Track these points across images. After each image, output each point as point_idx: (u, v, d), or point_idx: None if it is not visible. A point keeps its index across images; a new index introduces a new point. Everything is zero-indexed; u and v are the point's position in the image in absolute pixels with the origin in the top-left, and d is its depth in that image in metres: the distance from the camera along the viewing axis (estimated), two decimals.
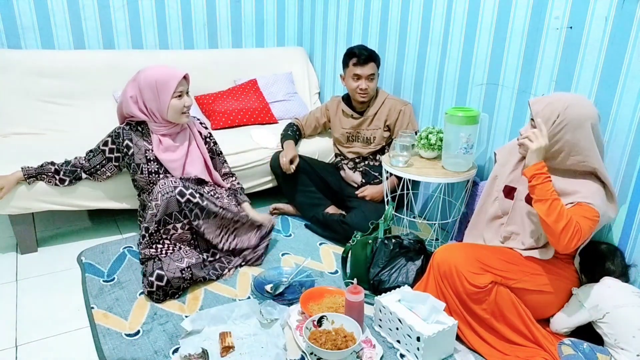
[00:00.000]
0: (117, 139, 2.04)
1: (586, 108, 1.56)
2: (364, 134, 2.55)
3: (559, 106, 1.55)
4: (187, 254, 1.91)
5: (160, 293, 1.81)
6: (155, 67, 2.00)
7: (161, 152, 2.04)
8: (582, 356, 1.47)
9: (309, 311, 1.71)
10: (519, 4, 1.95)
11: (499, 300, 1.55)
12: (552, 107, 1.55)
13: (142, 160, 2.03)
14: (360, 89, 2.42)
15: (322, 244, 2.33)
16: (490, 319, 1.57)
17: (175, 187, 1.88)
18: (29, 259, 2.14)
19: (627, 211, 1.70)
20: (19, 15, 2.67)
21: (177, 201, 1.88)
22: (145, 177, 2.04)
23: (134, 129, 2.06)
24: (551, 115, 1.55)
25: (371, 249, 1.92)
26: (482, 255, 1.60)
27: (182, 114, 2.02)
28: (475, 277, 1.54)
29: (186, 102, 2.02)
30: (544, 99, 1.61)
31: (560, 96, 1.60)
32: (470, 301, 1.56)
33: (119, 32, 2.93)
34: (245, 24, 3.30)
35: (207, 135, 2.21)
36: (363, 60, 2.39)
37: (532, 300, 1.59)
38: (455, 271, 1.56)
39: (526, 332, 1.57)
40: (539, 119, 1.56)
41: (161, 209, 1.87)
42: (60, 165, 2.07)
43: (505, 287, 1.56)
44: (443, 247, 1.67)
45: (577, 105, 1.55)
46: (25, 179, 2.03)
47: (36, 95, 2.59)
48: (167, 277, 1.81)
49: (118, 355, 1.56)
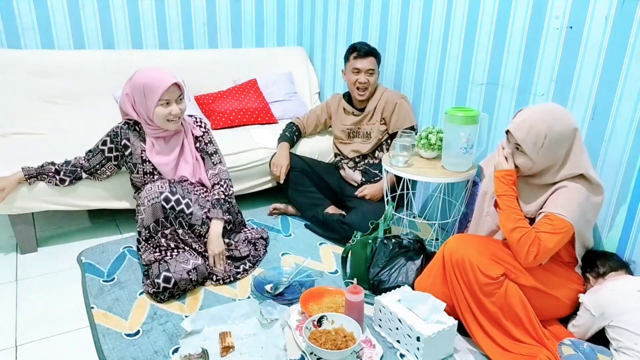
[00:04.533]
0: (115, 138, 2.04)
1: (566, 119, 1.56)
2: (364, 129, 2.56)
3: (542, 128, 1.52)
4: (192, 256, 1.90)
5: (167, 294, 1.81)
6: (147, 70, 1.94)
7: (154, 155, 2.02)
8: (583, 356, 1.47)
9: (309, 311, 1.71)
10: (519, 4, 1.95)
11: (509, 295, 1.54)
12: (536, 131, 1.53)
13: (138, 161, 2.03)
14: (360, 83, 2.44)
15: (322, 244, 2.33)
16: (498, 312, 1.55)
17: (161, 192, 1.87)
18: (29, 259, 2.14)
19: (627, 211, 1.70)
20: (19, 15, 2.67)
21: (162, 207, 1.86)
22: (140, 178, 2.04)
23: (131, 128, 2.05)
24: (537, 140, 1.54)
25: (371, 248, 1.92)
26: (494, 247, 1.59)
27: (167, 121, 1.95)
28: (489, 268, 1.53)
29: (173, 111, 1.93)
30: (524, 124, 1.56)
31: (537, 115, 1.56)
32: (481, 293, 1.55)
33: (119, 32, 2.93)
34: (245, 24, 3.30)
35: (200, 135, 2.12)
36: (363, 53, 2.43)
37: (538, 301, 1.59)
38: (467, 261, 1.55)
39: (531, 330, 1.57)
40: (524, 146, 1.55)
41: (147, 214, 1.86)
42: (60, 165, 2.07)
43: (514, 283, 1.55)
44: (455, 237, 1.67)
45: (559, 120, 1.54)
46: (26, 179, 2.03)
47: (36, 95, 2.59)
48: (175, 279, 1.80)
49: (118, 355, 1.56)
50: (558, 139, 1.54)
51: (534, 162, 1.57)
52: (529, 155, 1.56)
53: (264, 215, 2.59)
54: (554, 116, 1.55)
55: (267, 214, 2.59)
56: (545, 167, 1.59)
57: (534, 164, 1.57)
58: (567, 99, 1.84)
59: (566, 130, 1.55)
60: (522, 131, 1.55)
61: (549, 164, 1.58)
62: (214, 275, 1.93)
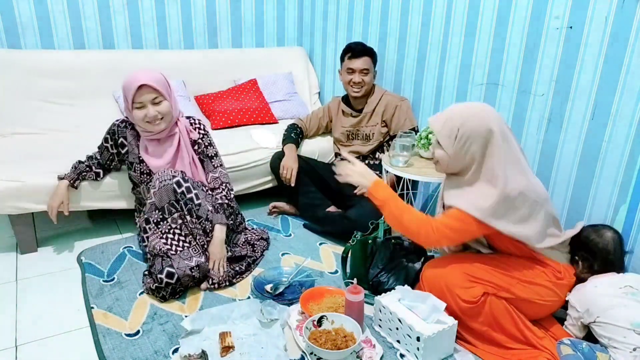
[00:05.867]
0: (113, 136, 2.05)
1: (484, 118, 1.54)
2: (363, 131, 2.56)
3: (457, 122, 1.54)
4: (195, 252, 1.89)
5: (169, 290, 1.80)
6: (131, 73, 1.91)
7: (148, 157, 2.02)
8: (581, 356, 1.47)
9: (309, 311, 1.71)
10: (519, 4, 1.95)
11: (494, 310, 1.55)
12: (450, 124, 1.55)
13: (135, 160, 2.03)
14: (354, 82, 2.45)
15: (322, 244, 2.33)
16: (488, 330, 1.57)
17: (173, 176, 1.88)
18: (29, 259, 2.14)
19: (627, 211, 1.70)
20: (19, 15, 2.67)
21: (174, 190, 1.86)
22: (138, 176, 2.05)
23: (129, 126, 2.05)
24: (451, 133, 1.55)
25: (371, 249, 1.92)
26: (470, 267, 1.59)
27: (147, 122, 1.91)
28: (467, 292, 1.54)
29: (148, 113, 1.88)
30: (442, 115, 1.59)
31: (457, 110, 1.58)
32: (467, 317, 1.57)
33: (119, 32, 2.93)
34: (245, 24, 3.30)
35: (197, 138, 2.08)
36: (357, 53, 2.44)
37: (524, 307, 1.59)
38: (446, 289, 1.57)
39: (521, 338, 1.58)
40: (439, 137, 1.58)
41: (158, 196, 1.86)
42: (86, 162, 2.10)
43: (497, 297, 1.56)
44: (430, 265, 1.68)
45: (474, 117, 1.54)
46: (72, 185, 2.05)
47: (36, 95, 2.59)
48: (178, 275, 1.80)
49: (118, 355, 1.56)
50: (470, 135, 1.53)
51: (449, 156, 1.57)
52: (444, 147, 1.58)
53: (264, 215, 2.59)
54: (471, 112, 1.56)
55: (267, 214, 2.60)
56: (463, 165, 1.59)
57: (450, 159, 1.58)
58: (567, 99, 1.85)
59: (480, 128, 1.53)
60: (438, 123, 1.58)
61: (465, 162, 1.58)
62: (210, 278, 1.92)
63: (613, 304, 1.50)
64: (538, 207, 1.58)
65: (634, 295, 1.51)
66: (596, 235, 1.68)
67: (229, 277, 1.94)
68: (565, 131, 1.87)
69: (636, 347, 1.42)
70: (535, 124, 1.98)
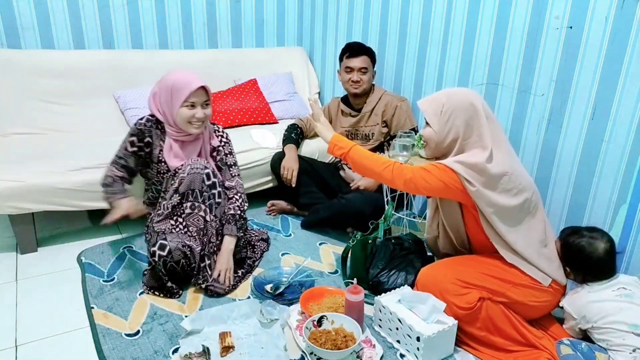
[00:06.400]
0: (142, 136, 1.99)
1: (467, 95, 1.63)
2: (362, 131, 2.57)
3: (442, 99, 1.64)
4: (195, 242, 1.87)
5: (161, 264, 1.80)
6: (179, 71, 1.95)
7: (171, 157, 1.99)
8: (581, 356, 1.47)
9: (309, 311, 1.71)
10: (519, 4, 1.95)
11: (491, 314, 1.55)
12: (436, 102, 1.65)
13: (155, 160, 2.01)
14: (352, 81, 2.46)
15: (322, 244, 2.33)
16: (487, 335, 1.57)
17: (205, 167, 1.89)
18: (29, 259, 2.13)
19: (627, 211, 1.70)
20: (19, 15, 2.67)
21: (203, 180, 1.87)
22: (155, 175, 2.03)
23: (154, 126, 2.01)
24: (437, 108, 1.63)
25: (371, 249, 1.92)
26: (463, 272, 1.59)
27: (189, 123, 1.93)
28: (462, 299, 1.54)
29: (197, 114, 1.91)
30: (429, 97, 1.70)
31: (444, 91, 1.70)
32: (463, 324, 1.57)
33: (119, 32, 2.93)
34: (245, 24, 3.30)
35: (217, 145, 2.08)
36: (355, 52, 2.46)
37: (520, 308, 1.59)
38: (441, 297, 1.56)
39: (521, 340, 1.58)
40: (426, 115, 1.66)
41: (186, 181, 1.85)
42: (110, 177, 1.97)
43: (492, 302, 1.56)
44: (424, 272, 1.67)
45: (458, 94, 1.64)
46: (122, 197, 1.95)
47: (36, 95, 2.59)
48: (170, 247, 1.80)
49: (118, 355, 1.56)
50: (455, 108, 1.60)
51: (436, 133, 1.64)
52: (431, 125, 1.65)
53: (264, 215, 2.59)
54: (456, 91, 1.69)
55: (265, 213, 2.60)
56: (448, 143, 1.63)
57: (436, 135, 1.64)
58: (567, 99, 1.85)
59: (463, 102, 1.60)
60: (426, 103, 1.68)
61: (451, 137, 1.62)
62: (213, 286, 1.89)
63: (608, 308, 1.50)
64: (527, 204, 1.58)
65: (628, 297, 1.51)
66: (589, 247, 1.59)
67: (232, 287, 1.94)
68: (565, 131, 1.87)
69: (636, 349, 1.42)
70: (535, 124, 1.98)
